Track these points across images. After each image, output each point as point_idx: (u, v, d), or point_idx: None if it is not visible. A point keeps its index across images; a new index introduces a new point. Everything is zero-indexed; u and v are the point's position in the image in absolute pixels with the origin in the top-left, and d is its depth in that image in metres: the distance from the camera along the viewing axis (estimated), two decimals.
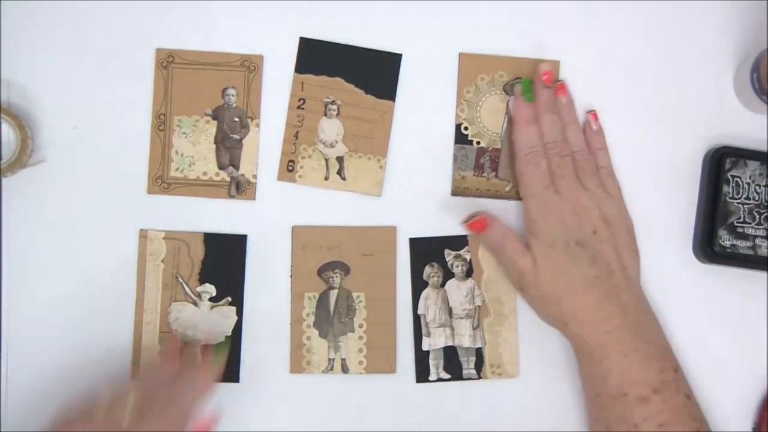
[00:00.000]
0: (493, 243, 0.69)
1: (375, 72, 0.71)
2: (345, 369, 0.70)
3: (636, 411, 0.62)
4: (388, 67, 0.72)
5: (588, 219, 0.66)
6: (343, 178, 0.71)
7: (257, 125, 0.71)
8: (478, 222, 0.69)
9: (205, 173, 0.71)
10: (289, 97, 0.71)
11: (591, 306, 0.64)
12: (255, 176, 0.71)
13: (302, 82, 0.71)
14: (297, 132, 0.71)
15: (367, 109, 0.71)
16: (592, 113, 0.71)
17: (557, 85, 0.70)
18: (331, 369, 0.70)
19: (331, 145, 0.71)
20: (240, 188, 0.71)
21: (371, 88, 0.71)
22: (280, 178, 0.71)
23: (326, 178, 0.71)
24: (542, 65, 0.69)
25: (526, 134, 0.68)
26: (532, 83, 0.70)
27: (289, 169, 0.71)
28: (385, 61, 0.72)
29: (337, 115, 0.71)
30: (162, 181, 0.71)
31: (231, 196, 0.71)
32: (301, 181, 0.71)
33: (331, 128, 0.71)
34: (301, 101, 0.71)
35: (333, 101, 0.71)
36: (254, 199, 0.71)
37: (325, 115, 0.71)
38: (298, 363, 0.70)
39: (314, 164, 0.71)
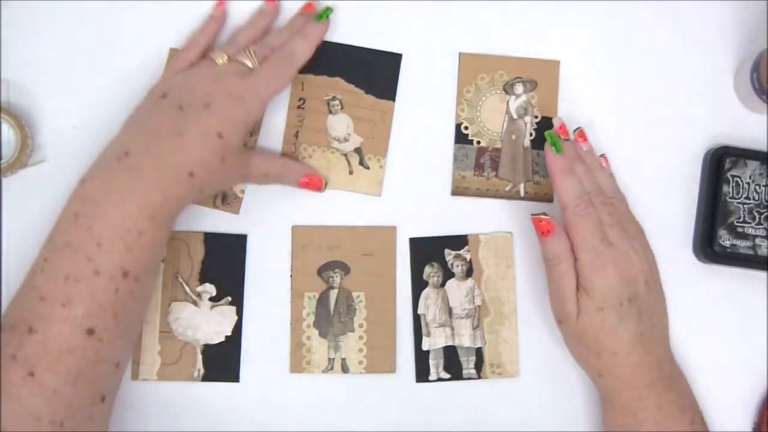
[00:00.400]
0: (550, 256, 0.65)
1: (375, 72, 0.71)
2: (345, 369, 0.70)
3: None
4: (388, 67, 0.72)
5: (641, 271, 0.64)
6: (367, 167, 0.71)
7: (255, 141, 0.71)
8: (545, 224, 0.65)
9: None
10: (289, 96, 0.71)
11: (631, 364, 0.63)
12: (243, 191, 0.71)
13: (302, 82, 0.71)
14: (297, 132, 0.71)
15: (367, 109, 0.71)
16: (603, 157, 0.70)
17: (577, 133, 0.69)
18: (331, 369, 0.70)
19: (345, 140, 0.71)
20: (226, 200, 0.71)
21: (371, 88, 0.71)
22: None
23: (351, 172, 0.71)
24: (554, 120, 0.69)
25: (570, 185, 0.65)
26: (557, 134, 0.68)
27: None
28: (386, 60, 0.72)
29: (342, 109, 0.71)
30: None
31: (216, 206, 0.71)
32: None
33: (340, 123, 0.71)
34: (301, 101, 0.71)
35: (334, 97, 0.71)
36: (238, 212, 0.71)
37: (330, 112, 0.71)
38: (298, 363, 0.70)
39: (315, 164, 0.71)
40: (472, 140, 0.72)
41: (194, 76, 0.65)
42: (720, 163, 0.69)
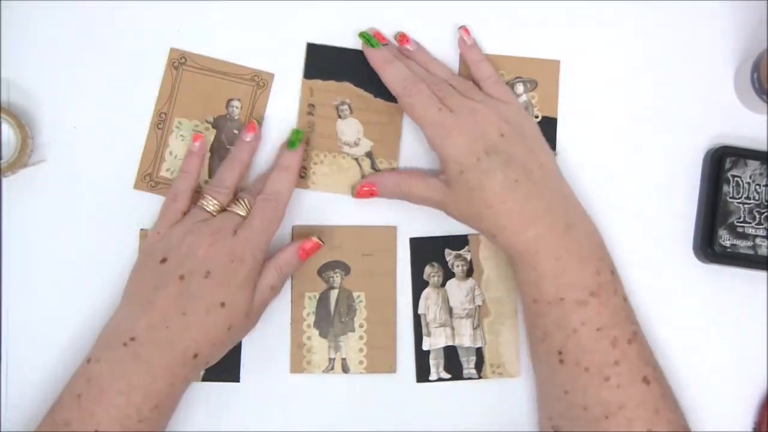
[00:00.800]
0: (393, 196, 0.69)
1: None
2: (345, 369, 0.70)
3: (574, 315, 0.61)
4: None
5: (491, 123, 0.64)
6: (378, 170, 0.71)
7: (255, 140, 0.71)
8: (363, 191, 0.69)
9: None
10: (299, 102, 0.71)
11: (513, 211, 0.62)
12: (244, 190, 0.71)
13: (311, 88, 0.71)
14: (308, 139, 0.71)
15: (377, 112, 0.71)
16: (463, 28, 0.71)
17: (398, 37, 0.71)
18: (332, 369, 0.70)
19: (356, 144, 0.71)
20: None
21: (380, 91, 0.71)
22: None
23: (363, 176, 0.71)
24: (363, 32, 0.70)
25: (393, 71, 0.67)
26: (369, 33, 0.70)
27: (301, 175, 0.71)
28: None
29: (351, 113, 0.71)
30: (150, 179, 0.71)
31: None
32: (315, 187, 0.71)
33: (349, 128, 0.71)
34: (311, 107, 0.71)
35: (343, 102, 0.71)
36: None
37: (339, 117, 0.71)
38: (299, 363, 0.70)
39: (327, 170, 0.71)
40: None
41: (192, 235, 0.64)
42: (720, 163, 0.69)
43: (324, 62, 0.71)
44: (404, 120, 0.72)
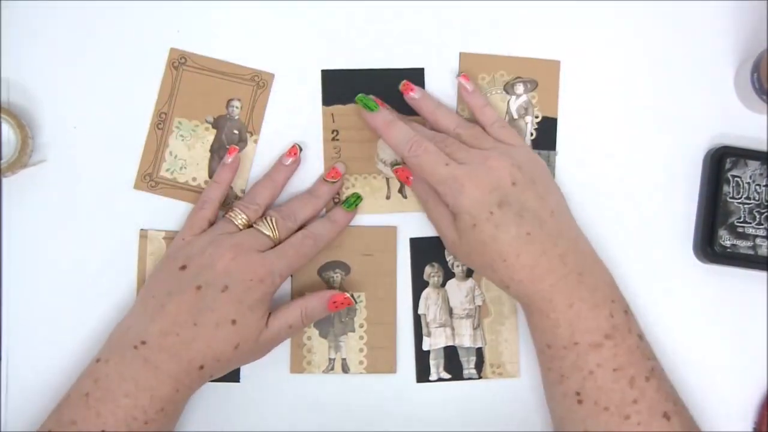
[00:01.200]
0: (418, 198, 0.69)
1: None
2: (345, 369, 0.70)
3: (590, 358, 0.61)
4: (412, 83, 0.70)
5: (503, 171, 0.63)
6: (405, 197, 0.71)
7: (255, 141, 0.71)
8: (402, 174, 0.69)
9: (194, 179, 0.71)
10: (322, 130, 0.71)
11: (528, 266, 0.62)
12: (243, 191, 0.71)
13: (332, 114, 0.71)
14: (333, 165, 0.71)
15: None
16: (463, 75, 0.70)
17: (402, 86, 0.69)
18: (332, 369, 0.70)
19: (392, 165, 0.71)
20: (226, 201, 0.70)
21: (400, 107, 0.70)
22: (329, 211, 0.70)
23: (388, 197, 0.71)
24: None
25: (397, 133, 0.66)
26: (367, 96, 0.68)
27: (335, 201, 0.71)
28: (409, 77, 0.70)
29: None
30: (150, 179, 0.71)
31: None
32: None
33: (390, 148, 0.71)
34: (335, 132, 0.71)
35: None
36: None
37: None
38: (299, 363, 0.70)
39: (360, 192, 0.71)
40: None
41: (214, 246, 0.64)
42: (720, 163, 0.69)
43: (341, 87, 0.71)
44: None
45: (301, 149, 0.70)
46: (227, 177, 0.69)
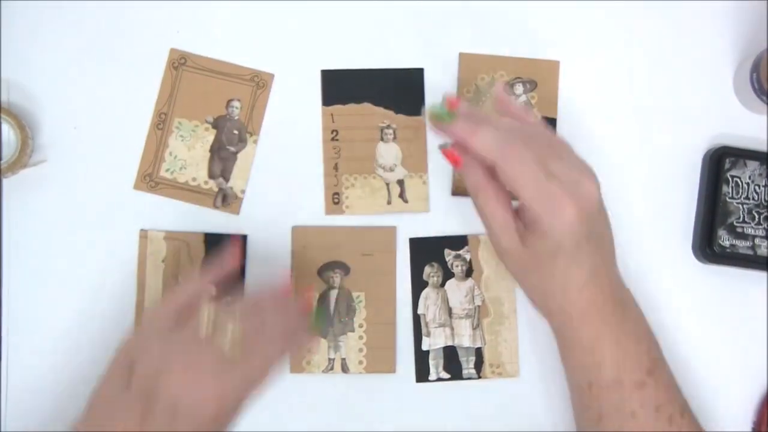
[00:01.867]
0: (469, 185, 0.60)
1: (401, 90, 0.71)
2: (345, 369, 0.70)
3: (633, 398, 0.59)
4: (413, 83, 0.71)
5: (594, 196, 0.57)
6: (406, 201, 0.71)
7: (255, 141, 0.71)
8: (450, 154, 0.60)
9: (194, 179, 0.71)
10: (321, 131, 0.71)
11: (585, 301, 0.59)
12: (243, 191, 0.71)
13: (332, 114, 0.71)
14: (336, 164, 0.71)
15: (401, 128, 0.71)
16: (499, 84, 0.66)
17: (451, 101, 0.60)
18: (331, 369, 0.70)
19: (391, 169, 0.71)
20: (226, 200, 0.71)
21: (401, 107, 0.71)
22: (328, 212, 0.71)
23: (389, 202, 0.71)
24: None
25: (483, 139, 0.57)
26: (437, 107, 0.60)
27: (335, 201, 0.71)
28: (410, 77, 0.71)
29: (394, 139, 0.71)
30: (150, 179, 0.71)
31: (216, 207, 0.71)
32: (350, 211, 0.71)
33: (389, 152, 0.71)
34: (334, 133, 0.71)
35: (389, 126, 0.71)
36: (238, 213, 0.71)
37: (382, 140, 0.71)
38: (298, 362, 0.70)
39: (360, 192, 0.71)
40: None
41: (164, 349, 0.58)
42: (720, 163, 0.69)
43: (341, 87, 0.71)
44: (428, 132, 0.71)
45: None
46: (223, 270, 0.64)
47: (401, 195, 0.71)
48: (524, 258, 0.59)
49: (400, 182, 0.71)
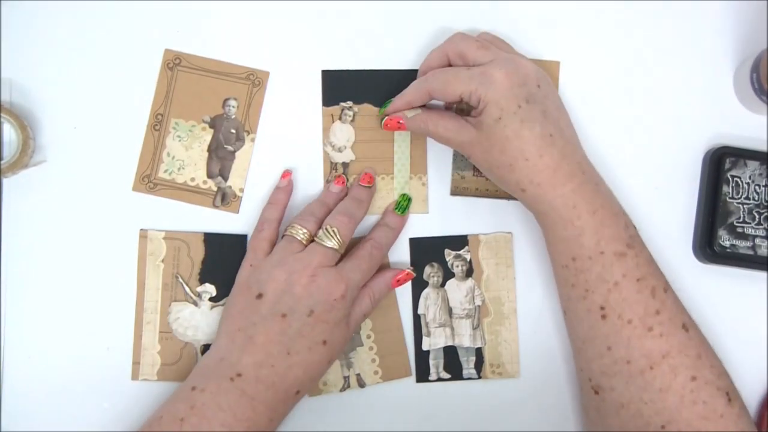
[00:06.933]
0: (419, 131, 0.68)
1: (401, 91, 0.70)
2: (361, 383, 0.70)
3: (615, 268, 0.61)
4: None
5: (530, 70, 0.63)
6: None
7: (252, 140, 0.71)
8: (392, 122, 0.68)
9: (192, 179, 0.71)
10: (322, 131, 0.71)
11: (550, 167, 0.61)
12: (242, 190, 0.71)
13: (332, 114, 0.71)
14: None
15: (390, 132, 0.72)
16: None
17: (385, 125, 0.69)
18: (348, 386, 0.70)
19: (339, 150, 0.71)
20: (225, 199, 0.71)
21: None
22: None
23: (328, 182, 0.71)
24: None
25: (417, 87, 0.67)
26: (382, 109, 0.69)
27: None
28: (409, 77, 0.70)
29: (352, 122, 0.71)
30: (149, 180, 0.71)
31: (215, 206, 0.71)
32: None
33: (342, 132, 0.71)
34: None
35: (350, 107, 0.71)
36: (238, 212, 0.71)
37: (340, 119, 0.71)
38: (315, 385, 0.70)
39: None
40: None
41: (284, 270, 0.64)
42: (720, 163, 0.69)
43: (341, 87, 0.71)
44: (428, 140, 0.72)
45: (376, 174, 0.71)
46: (282, 198, 0.70)
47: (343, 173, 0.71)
48: (482, 139, 0.63)
49: (345, 165, 0.71)
